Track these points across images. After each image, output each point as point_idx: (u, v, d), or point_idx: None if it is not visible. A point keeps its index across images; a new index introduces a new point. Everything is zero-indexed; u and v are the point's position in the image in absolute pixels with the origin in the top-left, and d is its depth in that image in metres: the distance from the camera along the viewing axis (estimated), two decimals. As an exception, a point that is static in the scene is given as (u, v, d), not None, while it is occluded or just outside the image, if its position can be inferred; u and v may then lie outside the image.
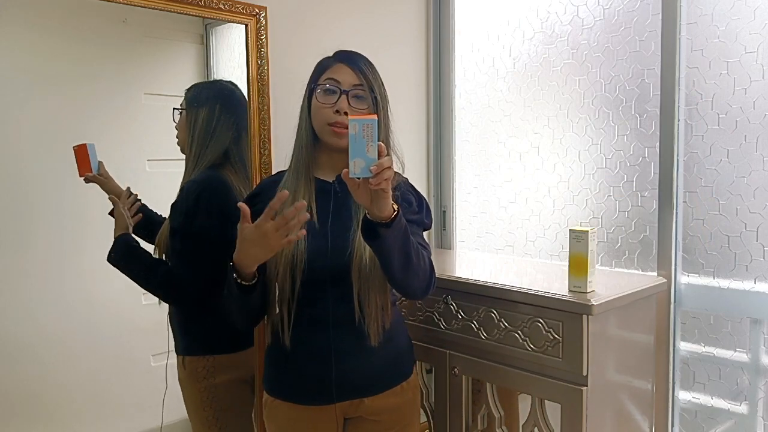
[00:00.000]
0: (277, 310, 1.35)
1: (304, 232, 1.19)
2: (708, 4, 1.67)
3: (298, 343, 1.35)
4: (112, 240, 1.51)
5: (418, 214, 1.40)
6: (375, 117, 1.11)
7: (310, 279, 1.32)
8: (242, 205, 1.19)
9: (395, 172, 1.41)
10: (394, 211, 1.15)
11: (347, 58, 1.38)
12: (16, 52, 1.43)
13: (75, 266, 1.53)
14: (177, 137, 1.61)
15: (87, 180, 1.50)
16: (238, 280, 1.24)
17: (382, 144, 1.09)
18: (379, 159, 1.08)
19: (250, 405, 1.70)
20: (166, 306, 1.62)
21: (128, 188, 1.56)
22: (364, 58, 1.41)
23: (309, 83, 1.40)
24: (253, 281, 1.25)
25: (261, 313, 1.40)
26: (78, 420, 1.56)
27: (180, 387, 1.62)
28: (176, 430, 1.67)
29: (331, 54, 1.42)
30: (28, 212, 1.47)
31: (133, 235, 1.53)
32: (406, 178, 1.46)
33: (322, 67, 1.39)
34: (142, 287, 1.54)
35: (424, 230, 1.43)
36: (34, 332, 1.47)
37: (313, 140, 1.38)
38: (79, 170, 1.49)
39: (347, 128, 1.30)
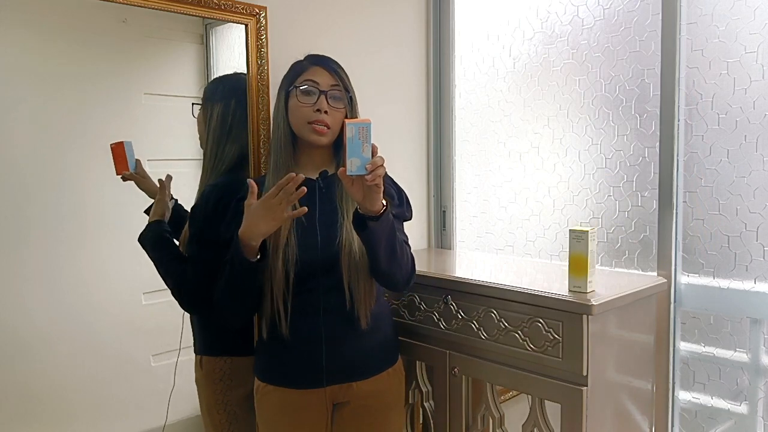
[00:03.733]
0: (272, 303, 1.40)
1: (305, 209, 1.29)
2: (708, 4, 1.67)
3: (291, 332, 1.41)
4: (112, 239, 1.51)
5: (399, 208, 1.50)
6: (369, 120, 1.22)
7: (302, 271, 1.39)
8: (251, 181, 1.29)
9: None
10: (384, 206, 1.27)
11: (322, 61, 1.47)
12: (16, 51, 1.42)
13: (74, 266, 1.53)
14: (198, 131, 1.61)
15: (124, 178, 1.51)
16: (245, 256, 1.30)
17: (376, 145, 1.20)
18: (372, 158, 1.20)
19: None
20: (166, 306, 1.62)
21: (168, 175, 1.55)
22: (335, 61, 1.49)
23: (283, 86, 1.47)
24: (256, 258, 1.33)
25: (255, 303, 1.42)
26: (77, 420, 1.56)
27: (197, 387, 1.62)
28: (179, 430, 1.67)
29: (302, 58, 1.49)
30: (27, 212, 1.46)
31: (167, 225, 1.53)
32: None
33: (297, 70, 1.46)
34: (163, 281, 1.54)
35: (404, 221, 1.54)
36: (34, 332, 1.47)
37: (292, 140, 1.45)
38: (116, 168, 1.50)
39: (328, 126, 1.41)
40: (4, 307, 1.42)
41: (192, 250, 1.52)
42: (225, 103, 1.60)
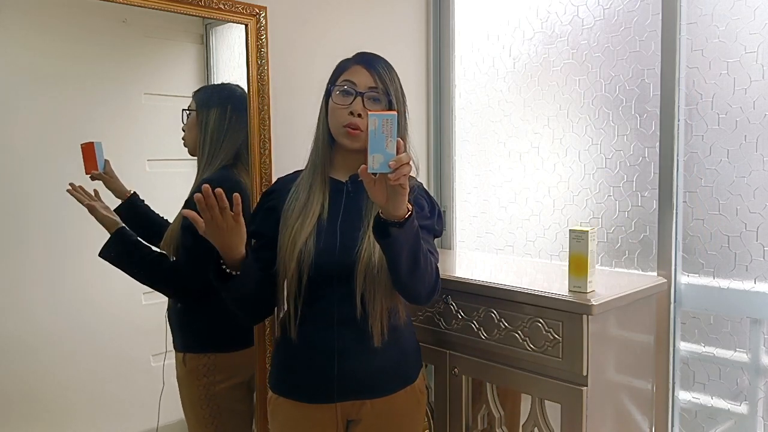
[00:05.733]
0: (285, 306, 1.36)
1: (238, 195, 1.21)
2: (708, 4, 1.67)
3: (303, 339, 1.35)
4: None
5: (429, 220, 1.39)
6: (394, 112, 1.11)
7: (317, 276, 1.32)
8: (187, 212, 1.20)
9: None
10: (408, 211, 1.15)
11: (365, 60, 1.39)
12: (16, 51, 1.42)
13: (75, 266, 1.53)
14: (183, 138, 1.61)
15: (93, 178, 1.50)
16: (223, 267, 1.26)
17: (401, 140, 1.09)
18: (397, 155, 1.08)
19: (247, 406, 1.70)
20: (166, 306, 1.62)
21: (134, 192, 1.56)
22: (383, 60, 1.41)
23: (327, 84, 1.41)
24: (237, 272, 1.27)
25: (262, 306, 1.40)
26: (77, 420, 1.56)
27: (178, 385, 1.62)
28: (180, 429, 1.67)
29: (350, 56, 1.43)
30: (27, 212, 1.46)
31: (129, 230, 1.53)
32: (421, 183, 1.47)
33: (341, 68, 1.40)
34: (142, 282, 1.55)
35: (435, 237, 1.43)
36: (34, 332, 1.47)
37: (330, 141, 1.40)
38: (85, 167, 1.49)
39: (361, 130, 1.33)
40: (5, 307, 1.42)
41: (186, 240, 1.54)
42: (221, 109, 1.63)
